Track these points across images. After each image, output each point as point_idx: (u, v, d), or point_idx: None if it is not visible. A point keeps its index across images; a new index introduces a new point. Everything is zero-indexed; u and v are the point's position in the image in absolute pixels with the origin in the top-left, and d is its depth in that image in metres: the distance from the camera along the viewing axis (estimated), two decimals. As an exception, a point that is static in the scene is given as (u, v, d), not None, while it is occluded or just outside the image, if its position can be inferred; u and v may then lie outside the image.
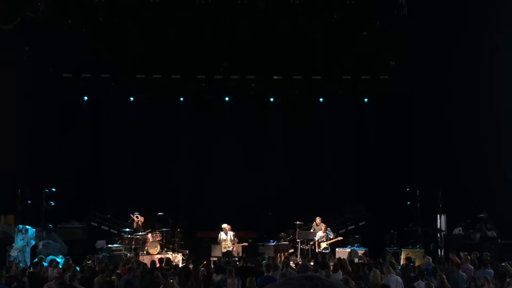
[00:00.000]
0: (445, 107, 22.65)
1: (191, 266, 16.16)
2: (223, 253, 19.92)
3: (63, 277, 12.60)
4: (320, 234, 20.87)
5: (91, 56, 23.66)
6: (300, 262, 17.96)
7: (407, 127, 24.03)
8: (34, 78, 23.12)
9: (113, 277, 13.04)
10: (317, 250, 20.58)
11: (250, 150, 25.42)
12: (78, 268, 14.94)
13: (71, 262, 15.64)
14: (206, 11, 21.34)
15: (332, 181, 24.94)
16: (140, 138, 25.34)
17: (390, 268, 13.33)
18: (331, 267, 15.07)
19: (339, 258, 17.45)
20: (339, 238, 21.13)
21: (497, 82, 21.95)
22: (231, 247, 20.40)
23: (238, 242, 21.13)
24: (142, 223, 21.48)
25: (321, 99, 25.77)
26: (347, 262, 16.46)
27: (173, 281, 11.51)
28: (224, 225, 20.59)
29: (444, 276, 12.24)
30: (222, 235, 20.69)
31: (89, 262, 16.89)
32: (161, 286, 11.39)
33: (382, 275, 13.06)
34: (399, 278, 12.84)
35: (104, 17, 21.65)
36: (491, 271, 13.84)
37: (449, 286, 11.85)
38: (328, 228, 21.34)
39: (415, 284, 12.02)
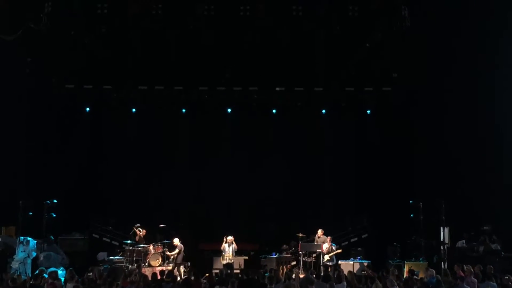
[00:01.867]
0: (446, 118, 22.71)
1: (193, 278, 16.12)
2: (224, 265, 19.92)
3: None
4: (326, 246, 20.90)
5: (93, 67, 23.71)
6: (301, 275, 17.91)
7: (410, 139, 24.03)
8: (36, 89, 23.19)
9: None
10: (323, 261, 20.58)
11: (252, 161, 25.39)
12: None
13: (74, 273, 15.63)
14: (209, 22, 21.43)
15: (334, 193, 24.88)
16: (142, 149, 25.32)
17: (394, 281, 13.31)
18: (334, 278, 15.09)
19: (350, 271, 17.43)
20: (339, 251, 21.12)
21: (497, 93, 22.09)
22: (232, 260, 20.35)
23: (238, 255, 21.07)
24: (145, 236, 21.47)
25: (323, 111, 25.77)
26: (350, 273, 16.41)
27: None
28: (229, 238, 20.58)
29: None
30: (223, 246, 20.62)
31: (90, 274, 16.88)
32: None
33: (386, 288, 13.05)
34: (403, 291, 12.84)
35: (107, 28, 21.75)
36: (495, 284, 13.82)
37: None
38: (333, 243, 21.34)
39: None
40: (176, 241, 20.95)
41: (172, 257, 20.93)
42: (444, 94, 22.83)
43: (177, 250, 20.70)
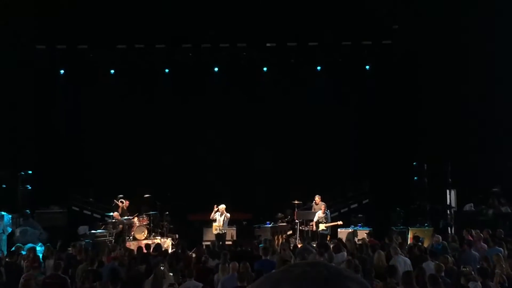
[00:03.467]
0: (453, 73, 22.54)
1: (181, 251, 16.15)
2: (215, 236, 19.96)
3: (40, 266, 12.60)
4: (319, 214, 20.81)
5: (66, 25, 23.40)
6: (299, 245, 18.00)
7: (413, 96, 23.94)
8: (3, 51, 22.88)
9: (96, 265, 13.03)
10: (319, 230, 20.60)
11: (242, 124, 25.29)
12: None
13: (53, 249, 15.62)
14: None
15: (332, 156, 24.85)
16: (123, 114, 25.14)
17: (398, 248, 13.36)
18: (331, 248, 15.14)
19: (339, 239, 17.51)
20: (339, 222, 21.06)
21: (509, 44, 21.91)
22: (223, 230, 20.33)
23: (230, 225, 21.07)
24: (128, 207, 21.43)
25: (318, 68, 25.61)
26: (349, 242, 16.50)
27: (164, 269, 11.50)
28: (221, 206, 20.44)
29: (448, 256, 12.26)
30: (215, 216, 20.47)
31: (70, 249, 16.88)
32: (152, 275, 11.36)
33: (389, 256, 13.09)
34: (407, 259, 12.88)
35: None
36: (501, 249, 13.89)
37: (454, 267, 11.91)
38: (328, 210, 21.28)
39: (423, 265, 12.04)
40: None
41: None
42: (449, 47, 22.64)
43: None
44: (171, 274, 12.04)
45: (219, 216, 20.32)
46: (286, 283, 1.61)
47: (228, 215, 20.46)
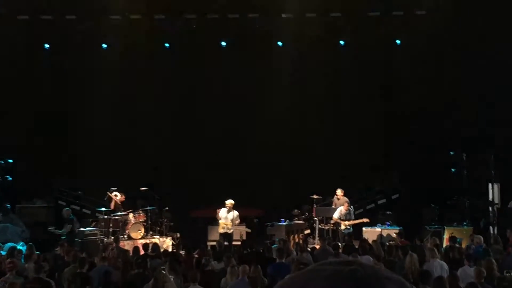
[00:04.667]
0: (498, 48, 22.36)
1: (183, 252, 16.19)
2: (222, 235, 19.93)
3: (17, 267, 12.61)
4: (341, 210, 20.74)
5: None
6: (318, 246, 17.99)
7: (450, 75, 23.81)
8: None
9: (86, 268, 13.06)
10: (341, 229, 20.56)
11: (254, 106, 25.27)
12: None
13: (33, 249, 15.67)
14: None
15: (357, 144, 24.78)
16: (117, 95, 25.15)
17: (435, 250, 13.30)
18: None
19: (363, 239, 17.48)
20: (365, 220, 21.00)
21: None
22: (231, 229, 20.31)
23: (240, 224, 21.07)
24: (122, 202, 21.45)
25: (341, 42, 25.52)
26: (375, 243, 16.47)
27: (165, 272, 11.49)
28: (229, 201, 20.42)
29: (493, 260, 12.18)
30: (222, 213, 20.43)
31: (57, 249, 16.94)
32: (152, 280, 11.36)
33: (422, 260, 13.04)
34: (444, 263, 12.81)
35: None
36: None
37: (496, 273, 11.82)
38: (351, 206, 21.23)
39: (460, 269, 12.00)
40: None
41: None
42: (491, 19, 22.46)
43: None
44: (172, 278, 12.04)
45: (226, 213, 20.26)
46: (316, 283, 1.58)
47: (237, 212, 20.40)
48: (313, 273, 1.62)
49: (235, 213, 20.28)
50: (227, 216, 20.23)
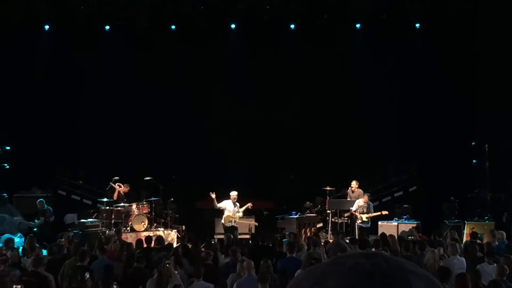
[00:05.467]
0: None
1: (189, 245, 16.20)
2: (227, 229, 19.91)
3: (8, 260, 12.65)
4: (359, 202, 20.71)
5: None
6: (331, 240, 17.98)
7: (471, 62, 23.71)
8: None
9: (87, 261, 13.10)
10: (357, 222, 20.47)
11: (263, 93, 25.24)
12: (45, 252, 15.01)
13: (33, 241, 15.70)
14: None
15: (373, 134, 24.74)
16: (120, 79, 25.15)
17: (457, 246, 13.27)
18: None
19: (383, 233, 17.46)
20: (384, 212, 20.93)
21: None
22: (237, 223, 20.27)
23: (248, 215, 21.00)
24: (126, 193, 21.46)
25: (357, 25, 25.44)
26: (392, 237, 16.44)
27: (170, 266, 11.50)
28: (233, 193, 20.40)
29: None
30: (226, 204, 20.37)
31: (62, 240, 17.02)
32: (155, 274, 11.38)
33: (443, 257, 13.02)
34: (463, 260, 12.80)
35: None
36: None
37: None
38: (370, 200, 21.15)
39: (479, 266, 11.96)
40: None
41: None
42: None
43: None
44: (177, 272, 12.05)
45: (232, 206, 20.19)
46: (334, 277, 1.52)
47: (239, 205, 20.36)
48: (331, 266, 1.55)
49: (238, 205, 20.28)
50: (233, 209, 20.19)
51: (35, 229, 20.06)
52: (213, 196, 19.93)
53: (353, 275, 1.50)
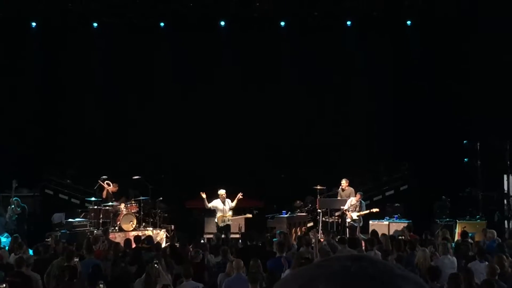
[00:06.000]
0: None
1: (177, 245, 16.20)
2: (220, 228, 19.89)
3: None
4: (352, 201, 20.70)
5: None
6: (322, 239, 17.99)
7: (464, 60, 23.76)
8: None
9: (75, 261, 13.07)
10: (348, 221, 20.48)
11: (253, 90, 25.24)
12: (31, 251, 14.98)
13: (20, 240, 15.68)
14: None
15: (364, 132, 24.79)
16: (108, 77, 25.14)
17: (448, 246, 13.31)
18: (363, 244, 15.15)
19: (374, 231, 17.50)
20: (374, 210, 20.94)
21: None
22: (230, 221, 20.25)
23: (236, 214, 20.95)
24: (114, 193, 21.40)
25: (348, 22, 25.45)
26: (385, 237, 16.44)
27: (158, 267, 11.49)
28: (221, 191, 20.38)
29: (504, 257, 12.14)
30: (217, 204, 20.34)
31: (48, 240, 17.00)
32: (144, 274, 11.37)
33: (433, 256, 13.04)
34: (454, 259, 12.82)
35: None
36: None
37: (510, 270, 11.80)
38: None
39: (470, 265, 11.99)
40: None
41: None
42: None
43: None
44: (165, 272, 12.05)
45: (222, 204, 20.15)
46: (321, 281, 1.52)
47: (229, 200, 20.31)
48: (318, 269, 1.56)
49: (229, 201, 20.22)
50: (224, 208, 20.17)
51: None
52: (204, 196, 19.88)
53: (341, 279, 1.51)
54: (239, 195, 20.02)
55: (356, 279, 1.49)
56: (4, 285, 10.91)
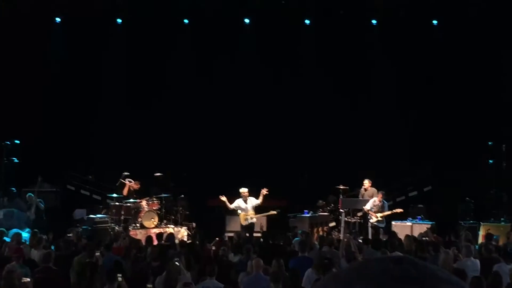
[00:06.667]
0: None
1: (199, 243, 16.23)
2: (244, 227, 19.86)
3: (23, 255, 12.69)
4: (374, 202, 20.62)
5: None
6: (344, 239, 17.96)
7: (492, 59, 23.61)
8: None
9: (97, 255, 13.16)
10: (371, 221, 20.39)
11: (277, 89, 25.21)
12: (52, 247, 15.08)
13: (39, 235, 15.76)
14: None
15: (387, 132, 24.68)
16: (132, 74, 25.23)
17: (471, 248, 13.24)
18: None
19: (393, 232, 17.45)
20: (398, 210, 20.84)
21: None
22: (254, 218, 20.22)
23: (258, 212, 20.91)
24: (136, 190, 21.42)
25: (374, 21, 25.39)
26: (408, 238, 16.39)
27: (179, 264, 11.51)
28: (243, 190, 20.37)
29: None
30: (239, 203, 20.37)
31: (70, 235, 17.08)
32: (164, 272, 11.40)
33: (455, 258, 13.00)
34: (477, 262, 12.76)
35: None
36: None
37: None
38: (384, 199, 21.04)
39: (495, 266, 11.92)
40: None
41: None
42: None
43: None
44: (186, 270, 12.07)
45: (244, 203, 20.14)
46: (361, 283, 1.51)
47: (253, 198, 20.28)
48: (358, 271, 1.55)
49: (252, 199, 20.19)
50: (246, 207, 20.14)
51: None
52: (223, 199, 19.92)
53: (382, 282, 1.49)
54: (264, 191, 19.98)
55: (399, 283, 1.48)
56: (29, 279, 11.00)
